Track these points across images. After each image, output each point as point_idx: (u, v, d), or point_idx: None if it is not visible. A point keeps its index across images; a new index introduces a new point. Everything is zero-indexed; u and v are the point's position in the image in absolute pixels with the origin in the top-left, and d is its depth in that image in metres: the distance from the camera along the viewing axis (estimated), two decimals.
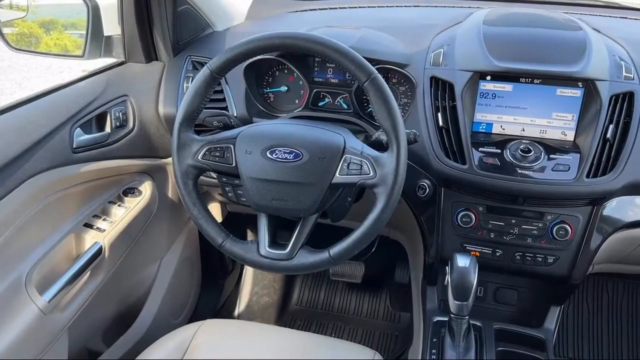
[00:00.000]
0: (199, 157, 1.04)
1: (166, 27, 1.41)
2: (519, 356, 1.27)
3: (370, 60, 1.01)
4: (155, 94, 1.43)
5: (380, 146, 1.05)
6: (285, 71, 1.40)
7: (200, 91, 1.03)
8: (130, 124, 1.40)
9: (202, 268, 1.94)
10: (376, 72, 0.98)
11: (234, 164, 1.03)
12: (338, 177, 0.99)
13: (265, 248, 1.05)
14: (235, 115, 1.35)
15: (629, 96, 1.17)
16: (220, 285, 2.10)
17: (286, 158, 1.00)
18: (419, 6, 1.68)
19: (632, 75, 1.20)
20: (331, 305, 2.22)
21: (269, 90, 1.42)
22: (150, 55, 1.46)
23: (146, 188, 1.49)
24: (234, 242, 1.06)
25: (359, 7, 1.68)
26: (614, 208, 1.19)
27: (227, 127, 1.18)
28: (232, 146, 1.03)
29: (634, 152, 1.14)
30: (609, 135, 1.14)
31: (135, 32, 1.40)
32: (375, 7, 1.68)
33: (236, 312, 2.16)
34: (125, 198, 1.44)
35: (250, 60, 1.31)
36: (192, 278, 1.88)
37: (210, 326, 1.27)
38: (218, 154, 1.03)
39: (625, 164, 1.13)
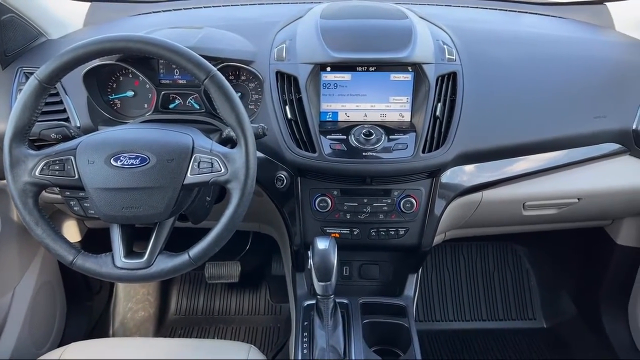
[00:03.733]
0: (37, 173, 0.97)
1: None
2: (382, 325, 1.36)
3: (215, 59, 1.01)
4: None
5: (233, 143, 1.06)
6: (130, 75, 1.36)
7: (29, 103, 0.97)
8: None
9: (66, 290, 1.82)
10: (215, 69, 0.99)
11: (76, 176, 0.98)
12: (190, 177, 0.99)
13: (120, 259, 1.02)
14: (78, 125, 1.28)
15: (453, 76, 1.30)
16: (89, 307, 1.98)
17: (132, 164, 0.97)
18: (263, 4, 1.71)
19: (454, 57, 1.33)
20: (211, 308, 2.20)
21: (114, 97, 1.37)
22: None
23: None
24: (86, 258, 1.01)
25: (204, 7, 1.68)
26: (449, 177, 1.32)
27: (67, 138, 1.12)
28: (72, 157, 0.98)
29: (461, 127, 1.27)
30: (438, 113, 1.26)
31: None
32: (220, 6, 1.68)
33: (110, 332, 2.06)
34: None
35: (89, 66, 1.26)
36: (55, 303, 1.76)
37: (76, 349, 1.20)
38: (57, 167, 0.98)
39: (454, 137, 1.26)
